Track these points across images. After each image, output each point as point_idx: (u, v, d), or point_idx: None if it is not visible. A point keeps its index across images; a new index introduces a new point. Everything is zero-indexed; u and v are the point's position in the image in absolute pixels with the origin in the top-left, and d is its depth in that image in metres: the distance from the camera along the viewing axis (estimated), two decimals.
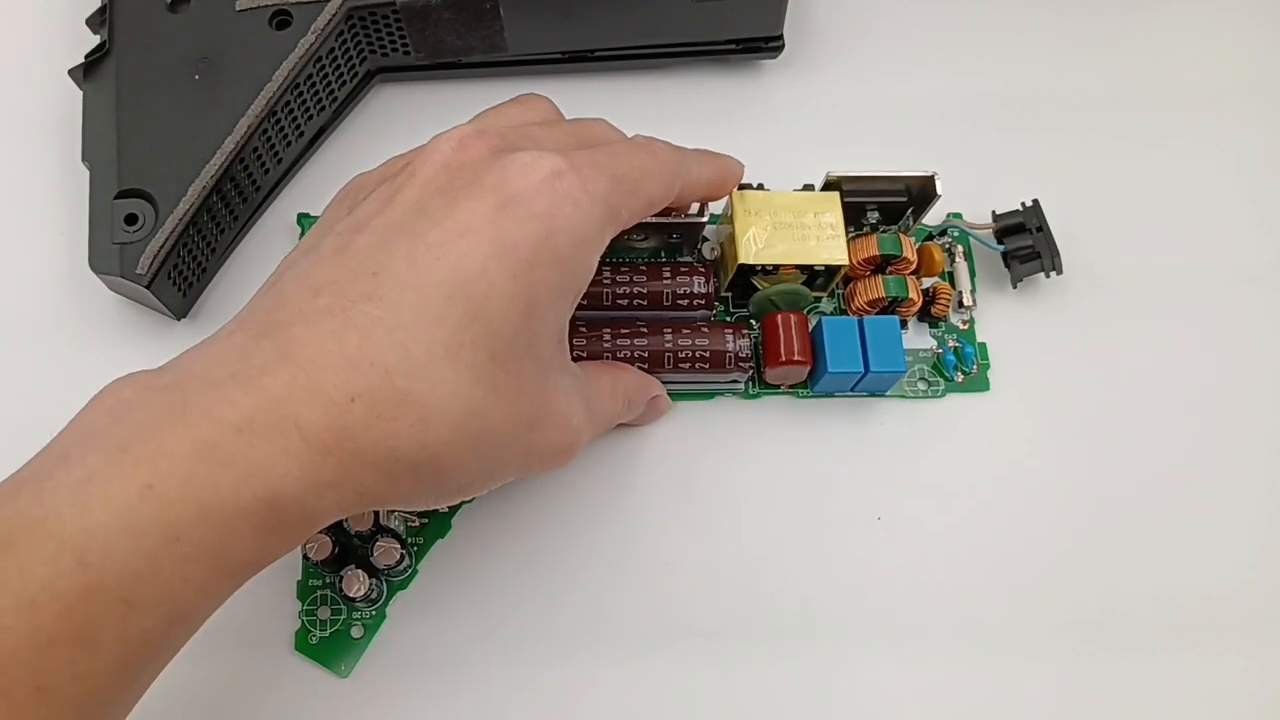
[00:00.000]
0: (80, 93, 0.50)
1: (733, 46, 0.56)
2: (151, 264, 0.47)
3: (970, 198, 0.53)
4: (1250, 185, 0.55)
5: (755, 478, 0.50)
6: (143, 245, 0.47)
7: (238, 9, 0.50)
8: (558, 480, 0.49)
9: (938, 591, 0.48)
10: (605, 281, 0.49)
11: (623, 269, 0.49)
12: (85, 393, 0.40)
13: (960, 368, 0.51)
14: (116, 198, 0.47)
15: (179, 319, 0.51)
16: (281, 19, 0.50)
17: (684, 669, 0.47)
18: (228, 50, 0.50)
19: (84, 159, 0.49)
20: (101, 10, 0.51)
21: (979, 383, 0.51)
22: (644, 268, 0.49)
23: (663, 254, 0.52)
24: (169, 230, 0.47)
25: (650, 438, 0.50)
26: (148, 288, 0.47)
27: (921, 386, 0.51)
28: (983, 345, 0.51)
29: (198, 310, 0.51)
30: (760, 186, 0.50)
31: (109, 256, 0.47)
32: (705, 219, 0.49)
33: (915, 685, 0.47)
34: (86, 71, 0.50)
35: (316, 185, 0.54)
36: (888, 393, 0.51)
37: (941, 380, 0.51)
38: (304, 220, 0.52)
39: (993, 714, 0.47)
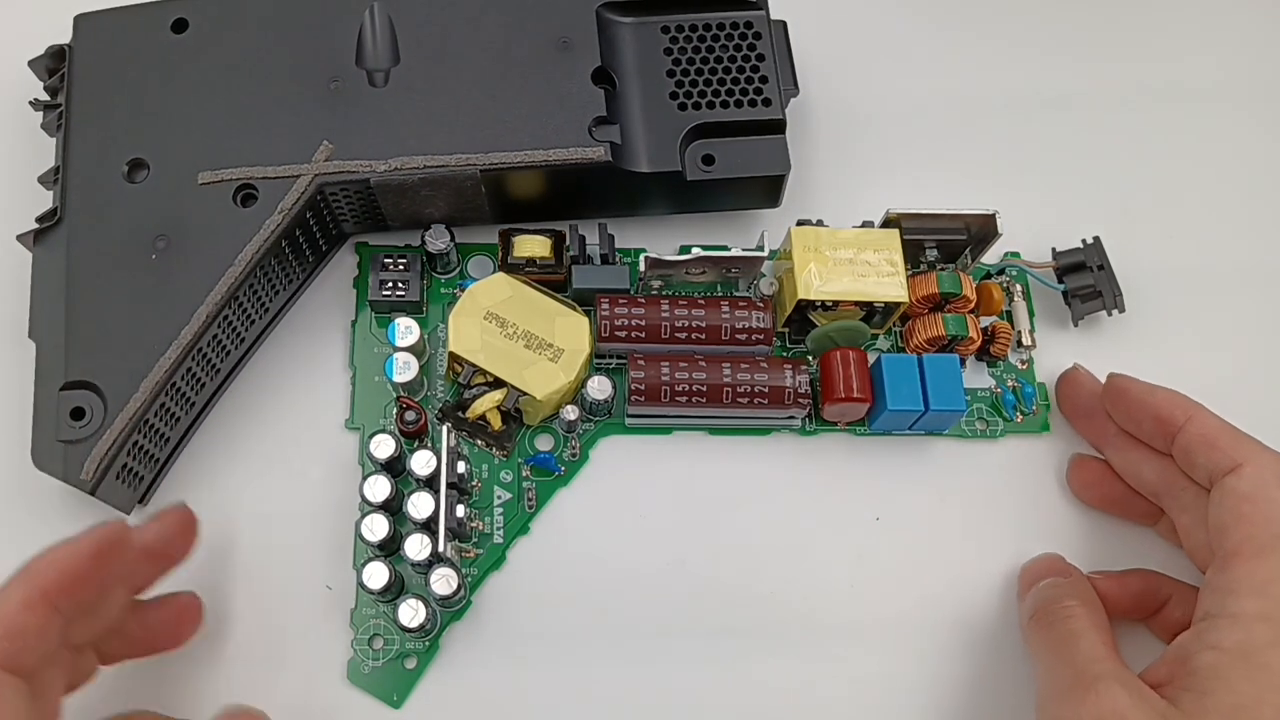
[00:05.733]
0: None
1: None
2: (97, 468, 0.43)
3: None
4: None
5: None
6: (89, 446, 0.43)
7: (200, 182, 0.47)
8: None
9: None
10: (664, 313, 0.49)
11: (681, 301, 0.49)
12: None
13: (1019, 408, 0.50)
14: (63, 389, 0.44)
15: (128, 514, 0.47)
16: (246, 193, 0.47)
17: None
18: (188, 227, 0.46)
19: (31, 335, 0.46)
20: (55, 170, 0.48)
21: (1038, 424, 0.51)
22: (702, 301, 0.49)
23: (719, 288, 0.52)
24: (117, 431, 0.44)
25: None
26: (92, 493, 0.44)
27: (979, 426, 0.51)
28: (1042, 386, 0.51)
29: (153, 500, 0.48)
30: (819, 222, 0.49)
31: (52, 455, 0.44)
32: (764, 254, 0.49)
33: None
34: (37, 237, 0.47)
35: (283, 357, 0.51)
36: (945, 432, 0.50)
37: (1000, 420, 0.51)
38: (361, 249, 0.52)
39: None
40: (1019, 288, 0.52)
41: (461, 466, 0.46)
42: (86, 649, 0.42)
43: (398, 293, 0.50)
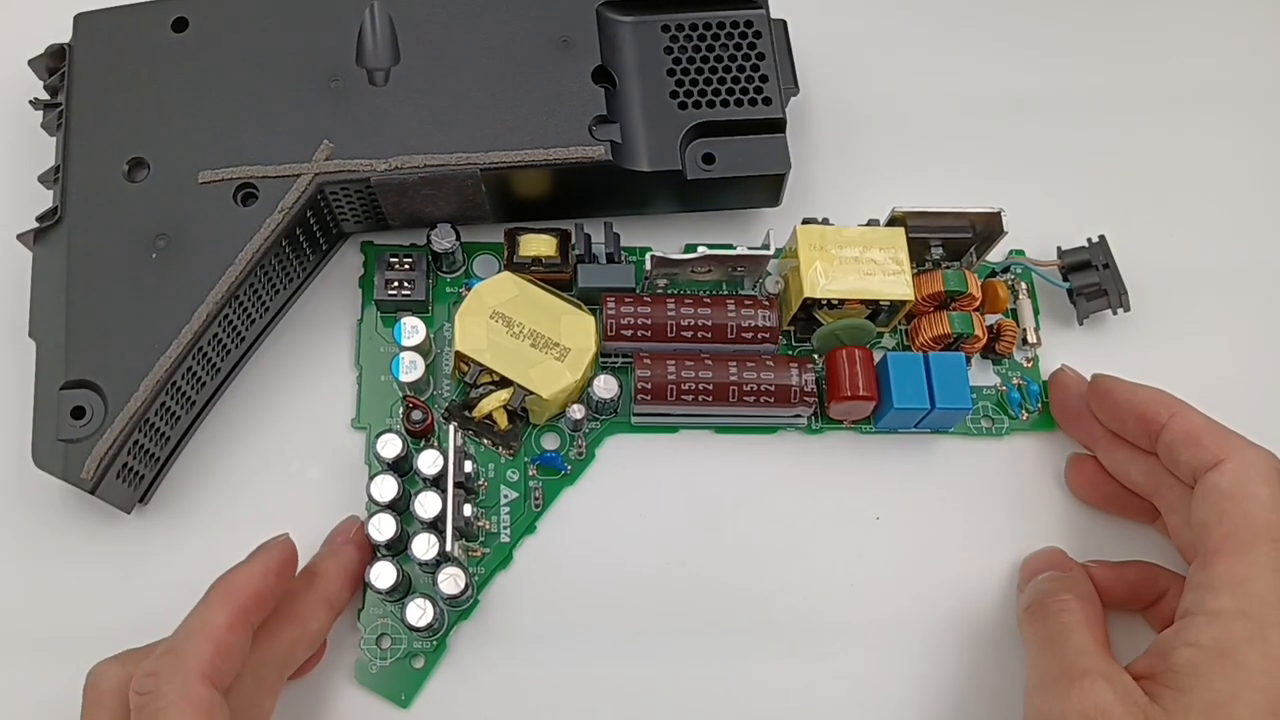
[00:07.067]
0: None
1: None
2: (98, 468, 0.43)
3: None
4: None
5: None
6: (89, 445, 0.43)
7: (200, 181, 0.47)
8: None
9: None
10: (669, 312, 0.49)
11: (686, 300, 0.49)
12: (28, 587, 0.43)
13: (1025, 406, 0.51)
14: (63, 388, 0.44)
15: (128, 513, 0.47)
16: (247, 192, 0.47)
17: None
18: (188, 227, 0.46)
19: (31, 334, 0.45)
20: (55, 169, 0.48)
21: (1044, 422, 0.51)
22: (708, 299, 0.49)
23: (724, 286, 0.52)
24: (118, 430, 0.43)
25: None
26: (92, 492, 0.44)
27: (985, 424, 0.51)
28: (1047, 383, 0.51)
29: (152, 498, 0.48)
30: (825, 221, 0.50)
31: (53, 455, 0.43)
32: (770, 252, 0.49)
33: None
34: (37, 236, 0.46)
35: (287, 356, 0.51)
36: (950, 430, 0.50)
37: (1005, 418, 0.51)
38: (367, 248, 0.52)
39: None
40: (1024, 286, 0.52)
41: (468, 466, 0.46)
42: None
43: (403, 292, 0.50)
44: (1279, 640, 0.39)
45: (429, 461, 0.46)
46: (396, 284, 0.50)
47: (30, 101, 0.50)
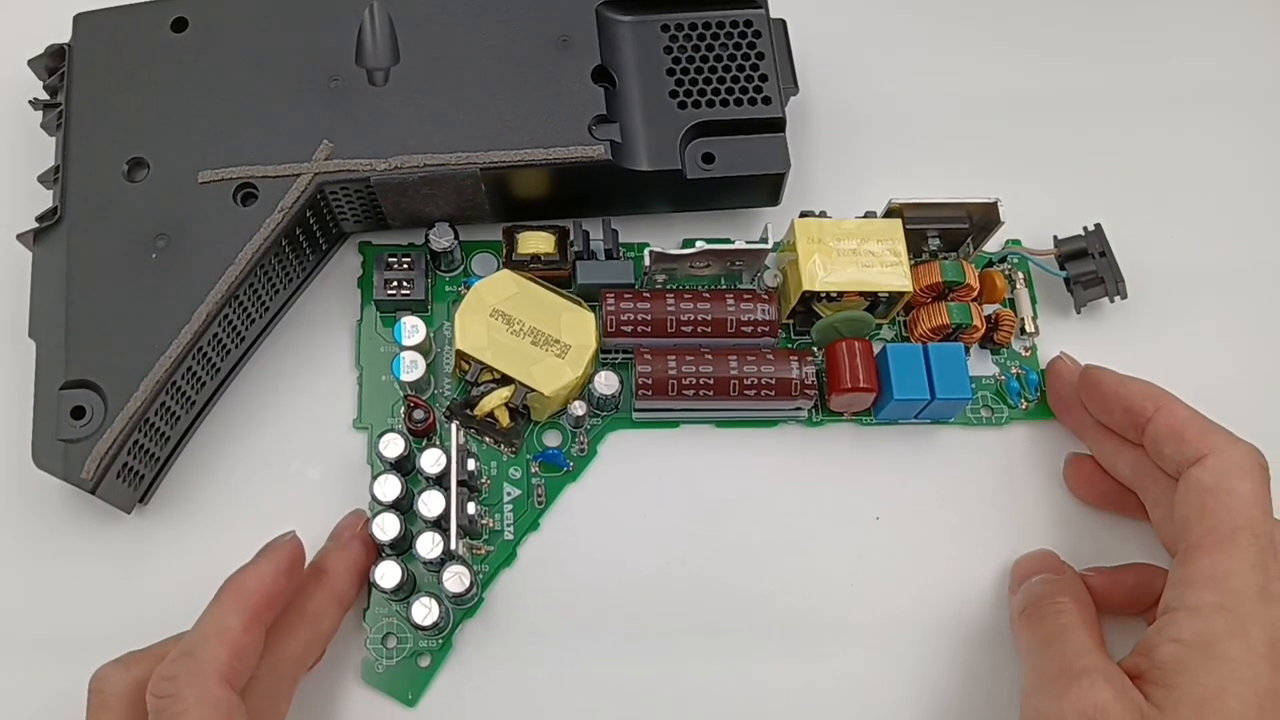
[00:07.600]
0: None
1: None
2: (98, 467, 0.43)
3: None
4: None
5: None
6: (89, 444, 0.43)
7: (199, 181, 0.47)
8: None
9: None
10: (669, 307, 0.49)
11: (686, 295, 0.49)
12: (28, 587, 0.43)
13: (1024, 395, 0.51)
14: (63, 388, 0.44)
15: (128, 513, 0.47)
16: (247, 192, 0.47)
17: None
18: (188, 227, 0.46)
19: (31, 334, 0.45)
20: (55, 169, 0.48)
21: (1043, 410, 0.51)
22: (706, 294, 0.49)
23: (723, 280, 0.52)
24: (118, 430, 0.43)
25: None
26: (92, 492, 0.44)
27: (985, 414, 0.51)
28: (1045, 373, 0.51)
29: (152, 498, 0.48)
30: (822, 214, 0.50)
31: (53, 454, 0.43)
32: (768, 246, 0.49)
33: None
34: (37, 236, 0.47)
35: (287, 357, 0.51)
36: (950, 420, 0.50)
37: (1005, 408, 0.51)
38: (365, 249, 0.52)
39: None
40: (1021, 275, 0.52)
41: (471, 464, 0.46)
42: None
43: (402, 291, 0.50)
44: (1259, 634, 0.39)
45: (432, 460, 0.46)
46: (395, 284, 0.50)
47: (30, 101, 0.50)
